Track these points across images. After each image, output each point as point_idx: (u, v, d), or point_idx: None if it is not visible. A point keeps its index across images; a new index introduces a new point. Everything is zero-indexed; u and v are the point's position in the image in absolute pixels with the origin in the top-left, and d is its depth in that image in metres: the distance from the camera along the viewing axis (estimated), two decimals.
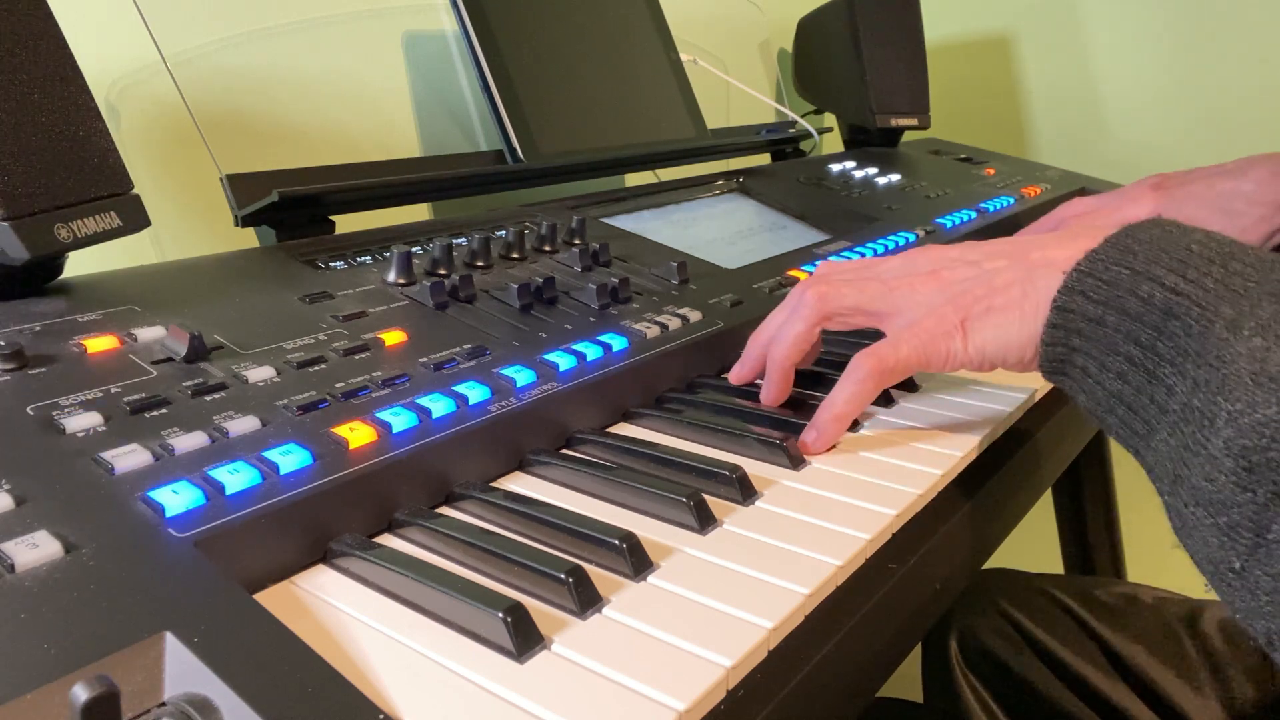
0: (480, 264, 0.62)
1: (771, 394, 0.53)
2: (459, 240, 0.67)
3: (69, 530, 0.32)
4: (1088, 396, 0.40)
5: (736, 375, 0.55)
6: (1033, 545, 1.12)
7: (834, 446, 0.49)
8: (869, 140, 1.29)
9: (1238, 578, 0.32)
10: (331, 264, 0.59)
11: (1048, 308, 0.42)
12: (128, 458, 0.36)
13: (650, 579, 0.37)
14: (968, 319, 0.46)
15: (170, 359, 0.44)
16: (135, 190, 0.51)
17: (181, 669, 0.28)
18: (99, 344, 0.44)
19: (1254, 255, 0.37)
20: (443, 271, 0.59)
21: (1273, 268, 0.36)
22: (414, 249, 0.63)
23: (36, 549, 0.31)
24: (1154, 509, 0.43)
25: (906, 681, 0.68)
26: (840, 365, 0.56)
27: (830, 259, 0.57)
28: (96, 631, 0.28)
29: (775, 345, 0.52)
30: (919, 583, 0.42)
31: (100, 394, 0.40)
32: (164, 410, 0.40)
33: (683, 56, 0.99)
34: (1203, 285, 0.36)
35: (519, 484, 0.46)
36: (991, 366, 0.46)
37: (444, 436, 0.43)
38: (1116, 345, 0.38)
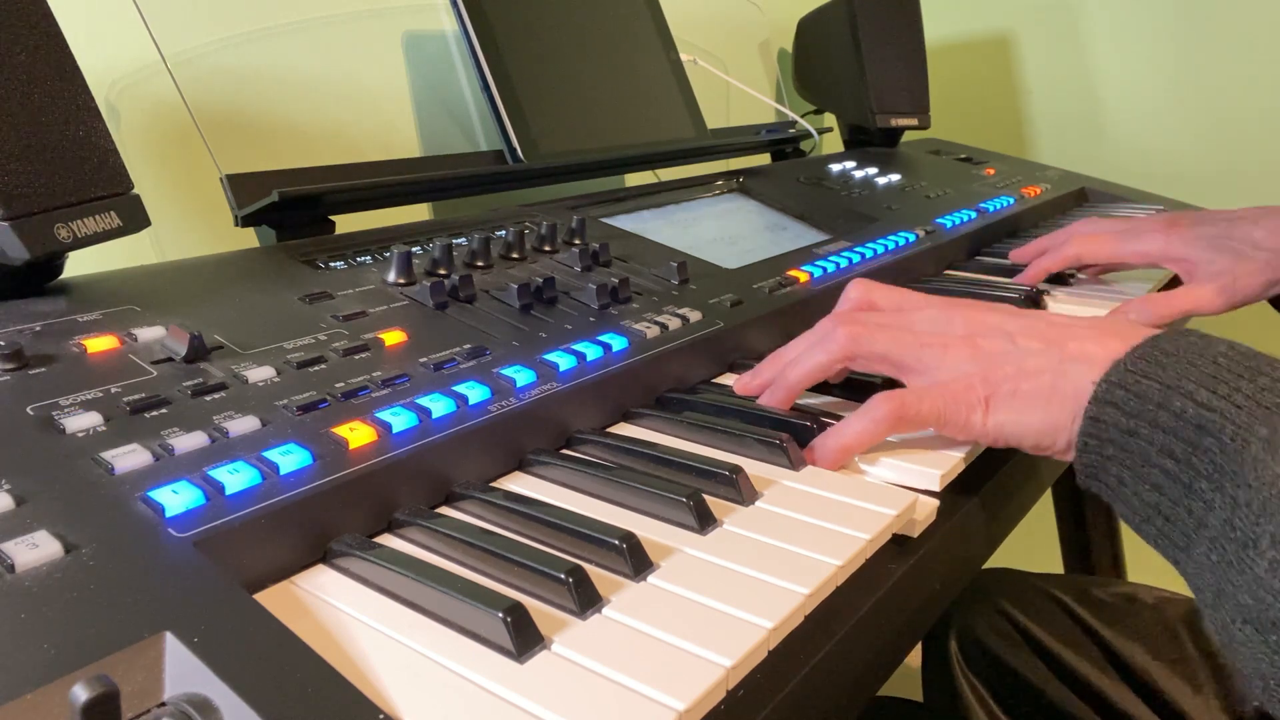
0: (480, 264, 0.62)
1: (770, 403, 0.53)
2: (459, 240, 0.67)
3: (69, 530, 0.32)
4: (1124, 505, 0.41)
5: (743, 385, 0.55)
6: (1033, 545, 1.12)
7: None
8: (869, 140, 1.29)
9: None
10: (331, 264, 0.59)
11: (1073, 402, 0.42)
12: (128, 458, 0.36)
13: (650, 579, 0.37)
14: (993, 396, 0.46)
15: (170, 359, 0.44)
16: (135, 190, 0.51)
17: (181, 669, 0.28)
18: (99, 344, 0.44)
19: None
20: (443, 271, 0.59)
21: None
22: (414, 249, 0.63)
23: (36, 549, 0.31)
24: None
25: (906, 681, 0.68)
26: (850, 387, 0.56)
27: (865, 279, 0.56)
28: (96, 631, 0.28)
29: (793, 367, 0.52)
30: (919, 583, 0.42)
31: (100, 394, 0.40)
32: (164, 410, 0.40)
33: (683, 56, 0.99)
34: (1234, 401, 0.36)
35: (519, 484, 0.46)
36: (1005, 445, 0.47)
37: (444, 436, 0.43)
38: (1150, 457, 0.38)
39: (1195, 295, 0.73)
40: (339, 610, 0.35)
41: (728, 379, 0.61)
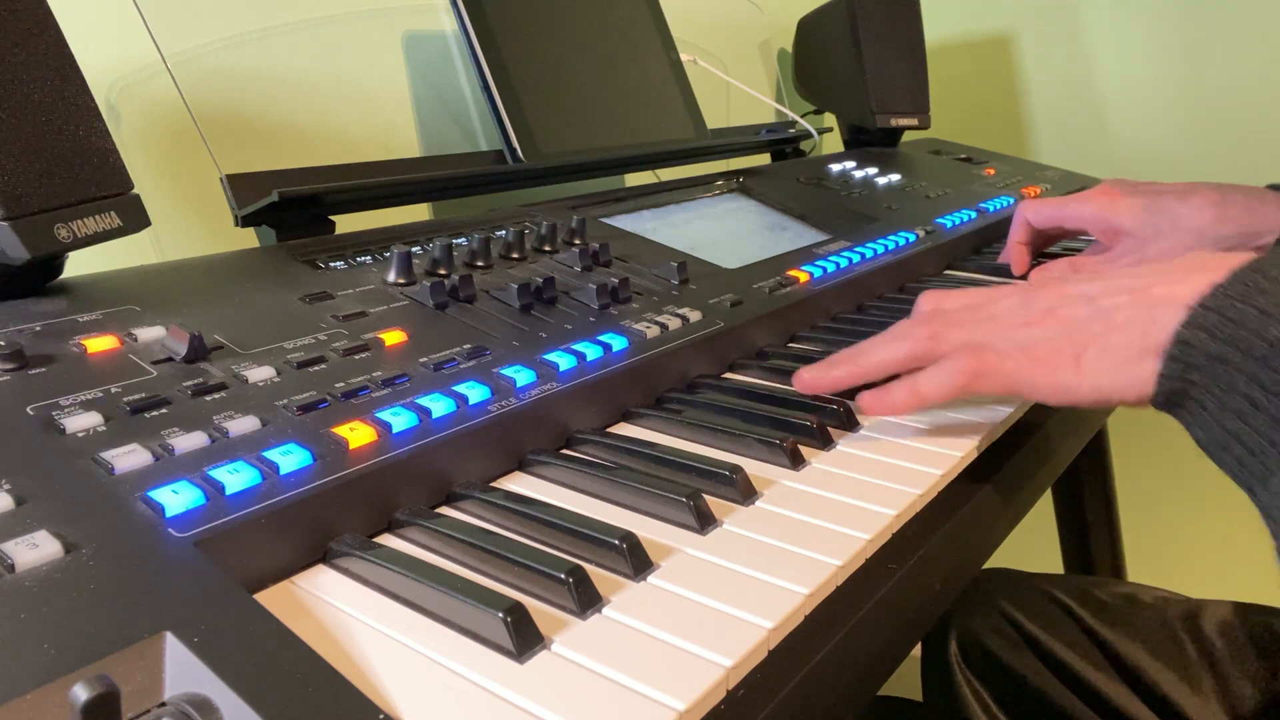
0: (480, 264, 0.62)
1: (825, 381, 0.51)
2: (459, 240, 0.67)
3: (69, 530, 0.32)
4: (1203, 432, 0.40)
5: (815, 378, 0.53)
6: (1033, 545, 1.12)
7: (831, 446, 0.49)
8: (869, 140, 1.29)
9: None
10: (331, 264, 0.59)
11: (1169, 343, 0.41)
12: (128, 458, 0.36)
13: (650, 579, 0.37)
14: (1083, 354, 0.45)
15: (170, 359, 0.44)
16: (135, 190, 0.51)
17: (181, 669, 0.28)
18: (99, 344, 0.44)
19: None
20: (443, 271, 0.59)
21: None
22: (414, 249, 0.63)
23: (36, 549, 0.31)
24: (1154, 509, 0.43)
25: (906, 681, 0.68)
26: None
27: (931, 290, 0.55)
28: (96, 631, 0.28)
29: (864, 353, 0.51)
30: (919, 583, 0.42)
31: (100, 394, 0.40)
32: (164, 410, 0.40)
33: (683, 56, 0.99)
34: None
35: (519, 484, 0.46)
36: (1105, 403, 0.45)
37: (444, 436, 0.43)
38: (1238, 385, 0.38)
39: (1112, 268, 0.75)
40: (339, 610, 0.35)
41: (728, 378, 0.61)
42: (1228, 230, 0.73)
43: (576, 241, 0.69)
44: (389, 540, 0.40)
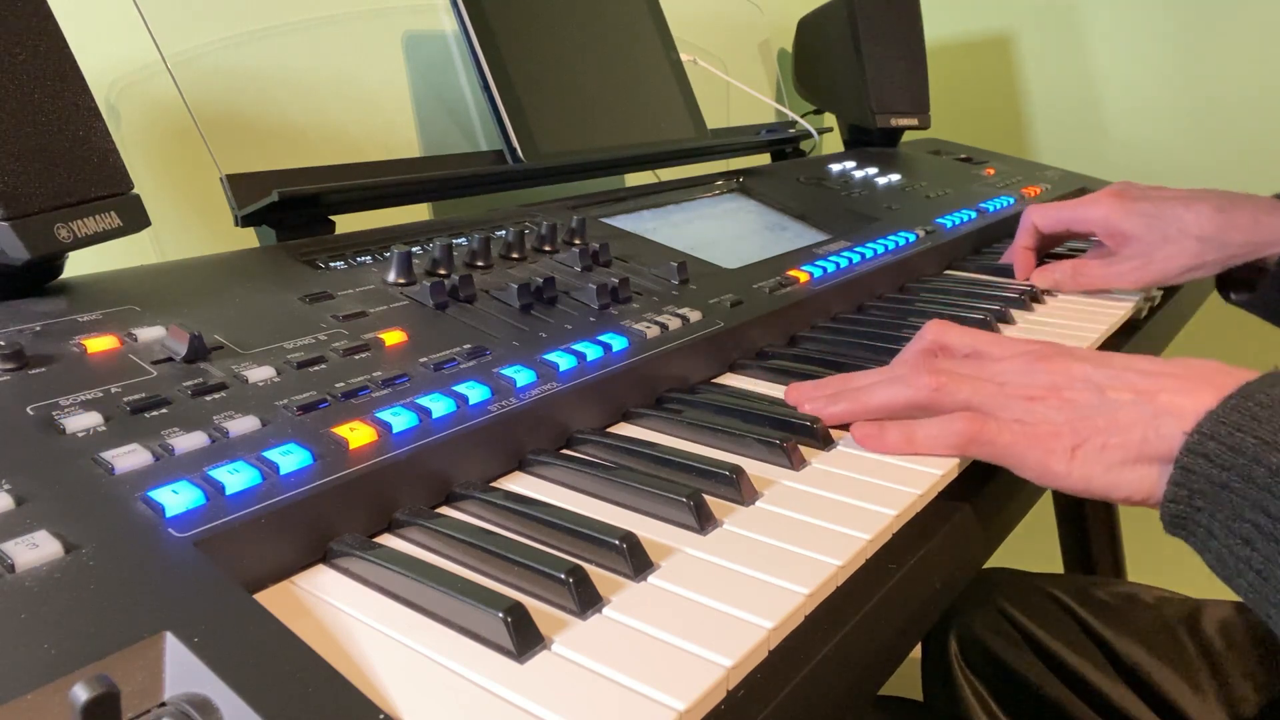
0: (480, 264, 0.62)
1: (825, 415, 0.51)
2: (459, 240, 0.67)
3: (69, 530, 0.32)
4: (1214, 557, 0.40)
5: (805, 395, 0.53)
6: (1033, 545, 1.12)
7: (831, 447, 0.49)
8: (869, 140, 1.29)
9: None
10: (331, 264, 0.59)
11: (1166, 456, 0.41)
12: (128, 458, 0.36)
13: (650, 579, 0.37)
14: (1080, 447, 0.45)
15: (170, 359, 0.44)
16: (135, 190, 0.51)
17: (181, 669, 0.28)
18: (99, 344, 0.44)
19: None
20: (443, 271, 0.59)
21: None
22: (414, 249, 0.63)
23: (36, 549, 0.31)
24: (1154, 509, 0.43)
25: (906, 681, 0.68)
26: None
27: (939, 320, 0.55)
28: (97, 631, 0.28)
29: (872, 393, 0.51)
30: (919, 583, 0.42)
31: (100, 394, 0.40)
32: (164, 410, 0.40)
33: (683, 56, 0.99)
34: None
35: (519, 484, 0.46)
36: (1092, 496, 0.46)
37: (444, 436, 0.43)
38: (1243, 512, 0.38)
39: (1115, 272, 0.77)
40: (339, 610, 0.35)
41: (728, 379, 0.61)
42: (1232, 238, 0.73)
43: (576, 241, 0.69)
44: (389, 540, 0.40)
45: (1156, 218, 0.75)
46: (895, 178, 1.10)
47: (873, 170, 1.11)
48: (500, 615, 0.32)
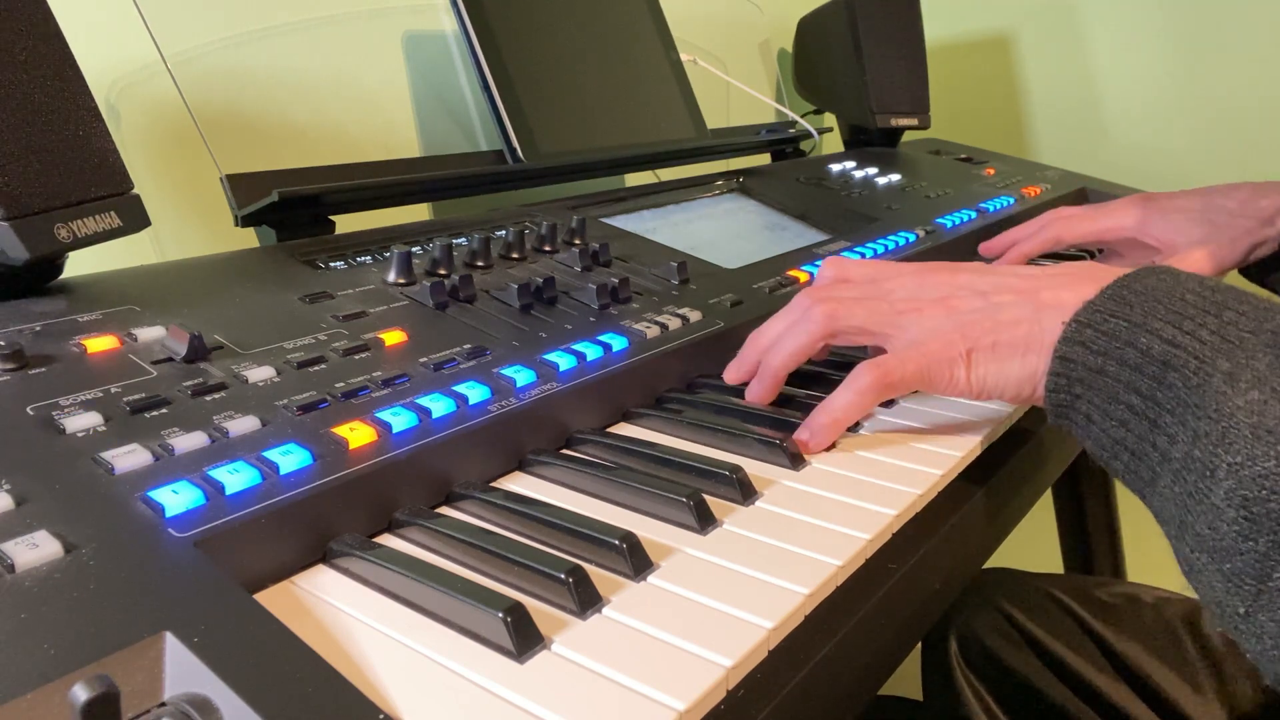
0: (480, 264, 0.62)
1: (758, 394, 0.53)
2: (459, 240, 0.67)
3: (69, 530, 0.32)
4: (1093, 442, 0.41)
5: (732, 374, 0.56)
6: (1033, 545, 1.12)
7: (831, 447, 0.49)
8: (869, 140, 1.29)
9: (1244, 622, 0.33)
10: (331, 264, 0.59)
11: (1050, 349, 0.42)
12: (128, 458, 0.36)
13: (650, 579, 0.37)
14: (973, 350, 0.47)
15: (170, 359, 0.44)
16: (135, 190, 0.51)
17: (181, 669, 0.28)
18: (99, 344, 0.44)
19: (1248, 303, 0.38)
20: (443, 271, 0.59)
21: (1267, 316, 0.37)
22: (414, 249, 0.63)
23: (36, 549, 0.31)
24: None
25: (906, 681, 0.68)
26: (837, 365, 0.56)
27: (838, 255, 0.57)
28: (96, 631, 0.28)
29: (773, 353, 0.52)
30: (919, 583, 0.42)
31: (100, 394, 0.40)
32: (164, 410, 0.40)
33: (683, 56, 0.99)
34: (1199, 337, 0.37)
35: (519, 484, 0.46)
36: (989, 398, 0.48)
37: (444, 436, 0.43)
38: (1118, 394, 0.39)
39: (1188, 262, 0.76)
40: (339, 610, 0.35)
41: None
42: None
43: (576, 241, 0.69)
44: (389, 540, 0.40)
45: (1203, 212, 0.75)
46: (895, 178, 1.10)
47: (873, 170, 1.11)
48: (500, 615, 0.32)
